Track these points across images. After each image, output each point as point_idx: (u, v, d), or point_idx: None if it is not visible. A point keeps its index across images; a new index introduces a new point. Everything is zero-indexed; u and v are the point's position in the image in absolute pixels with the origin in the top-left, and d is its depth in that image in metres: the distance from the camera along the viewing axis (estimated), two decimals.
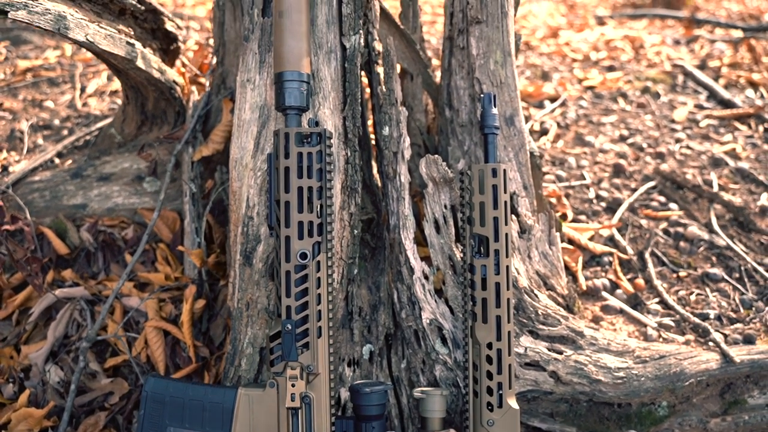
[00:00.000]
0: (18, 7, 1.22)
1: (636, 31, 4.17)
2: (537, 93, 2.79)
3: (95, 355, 1.73)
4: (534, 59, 3.35)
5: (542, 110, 2.68)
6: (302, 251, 1.26)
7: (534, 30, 4.11)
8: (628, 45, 3.73)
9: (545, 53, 3.51)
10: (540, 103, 2.75)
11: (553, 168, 2.26)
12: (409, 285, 1.48)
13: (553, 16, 4.76)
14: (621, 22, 4.70)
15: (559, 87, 2.90)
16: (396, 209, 1.52)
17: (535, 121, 2.57)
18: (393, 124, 1.51)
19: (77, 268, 1.89)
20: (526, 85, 2.84)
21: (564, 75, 3.13)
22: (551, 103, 2.76)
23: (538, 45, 3.66)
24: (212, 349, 1.70)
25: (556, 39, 3.86)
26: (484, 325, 1.33)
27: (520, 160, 1.61)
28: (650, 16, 4.85)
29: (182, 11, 4.41)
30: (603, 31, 4.09)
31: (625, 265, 1.89)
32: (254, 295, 1.46)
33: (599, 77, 3.06)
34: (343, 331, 1.50)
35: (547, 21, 4.51)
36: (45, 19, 1.29)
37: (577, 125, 2.59)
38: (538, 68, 3.19)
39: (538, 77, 3.08)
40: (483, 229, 1.34)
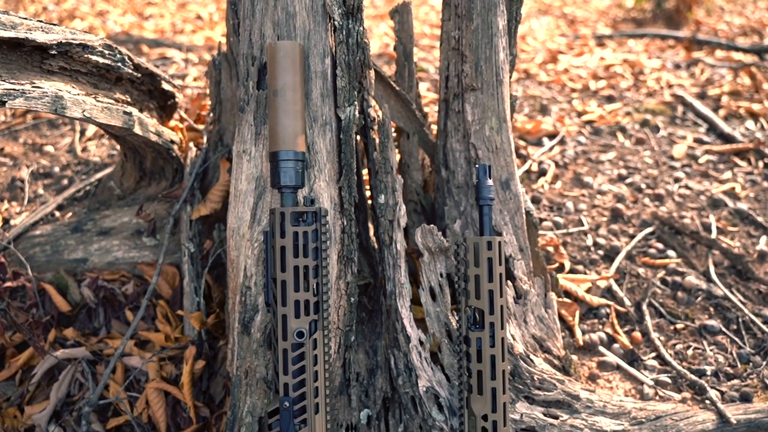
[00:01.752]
0: (15, 96, 1.24)
1: (636, 55, 4.18)
2: (536, 129, 2.80)
3: (97, 414, 1.75)
4: (533, 90, 3.36)
5: (540, 149, 2.68)
6: (299, 330, 1.28)
7: (534, 55, 4.12)
8: (628, 70, 3.74)
9: (544, 82, 3.52)
10: (539, 140, 2.76)
11: (551, 214, 2.27)
12: (405, 352, 1.49)
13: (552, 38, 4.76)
14: (621, 43, 4.70)
15: (558, 123, 2.91)
16: (392, 276, 1.53)
17: (534, 161, 2.58)
18: (389, 192, 1.53)
19: (78, 325, 1.91)
20: (524, 122, 2.85)
21: (563, 107, 3.14)
22: (550, 140, 2.76)
23: (537, 73, 3.67)
24: (213, 408, 1.72)
25: (556, 65, 3.87)
26: (480, 397, 1.34)
27: (516, 224, 1.62)
28: (650, 36, 4.85)
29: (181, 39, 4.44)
30: (603, 54, 4.10)
31: (623, 317, 1.90)
32: (253, 364, 1.47)
33: (598, 110, 3.06)
34: (341, 398, 1.51)
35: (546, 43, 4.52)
36: (42, 102, 1.31)
37: (576, 164, 2.60)
38: (537, 100, 3.20)
39: (537, 110, 3.09)
40: (478, 302, 1.36)
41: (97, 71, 1.53)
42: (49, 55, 1.37)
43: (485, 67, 1.54)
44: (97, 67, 1.52)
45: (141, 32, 4.79)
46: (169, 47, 4.19)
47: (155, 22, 5.26)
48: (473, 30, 1.52)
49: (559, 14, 6.63)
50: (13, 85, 1.26)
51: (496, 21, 1.52)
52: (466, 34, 1.53)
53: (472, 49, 1.53)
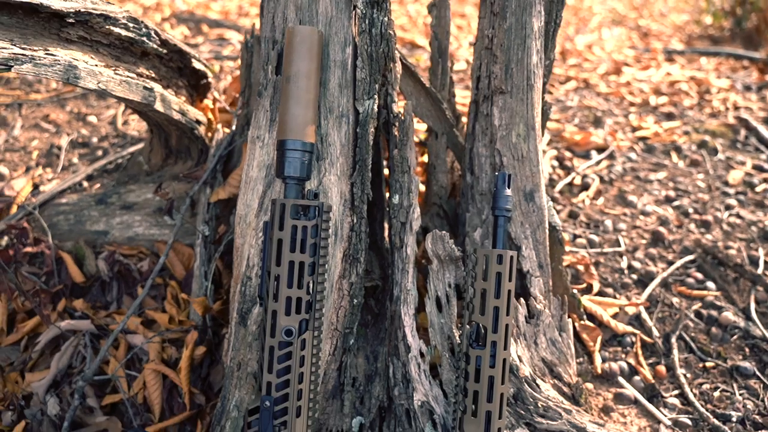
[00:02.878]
0: (23, 61, 1.22)
1: (705, 73, 3.98)
2: (584, 141, 2.67)
3: (96, 388, 1.73)
4: (589, 100, 3.23)
5: (587, 162, 2.56)
6: (288, 328, 1.22)
7: (597, 65, 3.97)
8: (694, 88, 3.56)
9: (603, 93, 3.38)
10: (586, 153, 2.64)
11: (587, 231, 2.15)
12: (404, 362, 1.42)
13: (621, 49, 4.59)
14: (692, 60, 4.50)
15: (609, 136, 2.78)
16: (399, 281, 1.46)
17: (578, 173, 2.47)
18: (404, 193, 1.46)
19: (90, 298, 1.90)
20: (573, 132, 2.73)
21: (618, 120, 3.00)
22: (598, 153, 2.64)
23: (597, 83, 3.53)
24: (210, 396, 1.68)
25: (618, 76, 3.71)
26: (473, 420, 1.26)
27: (538, 238, 1.53)
28: (724, 54, 4.63)
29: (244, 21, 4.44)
30: (670, 70, 3.92)
31: (649, 347, 1.78)
32: (245, 357, 1.43)
33: (654, 127, 2.92)
34: (334, 402, 1.45)
35: (613, 54, 4.35)
36: (53, 70, 1.29)
37: (622, 181, 2.47)
38: (592, 111, 3.07)
39: (590, 122, 2.96)
40: (482, 318, 1.27)
41: (120, 44, 1.51)
42: (67, 23, 1.35)
43: (516, 69, 1.45)
44: (120, 39, 1.49)
45: (206, 12, 4.82)
46: (228, 28, 4.20)
47: (222, 4, 5.29)
48: (506, 29, 1.43)
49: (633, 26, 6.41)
50: (24, 51, 1.23)
51: (531, 21, 1.42)
52: (499, 34, 1.45)
53: (504, 50, 1.44)
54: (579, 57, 4.12)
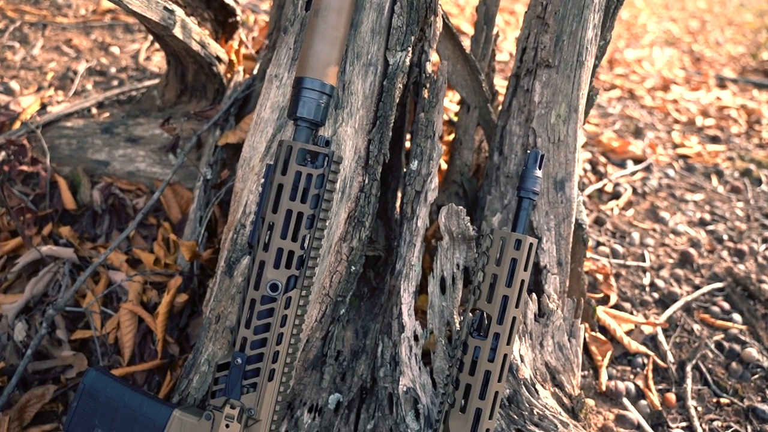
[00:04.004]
0: None
1: (757, 103, 3.80)
2: (621, 150, 2.53)
3: (68, 321, 1.63)
4: (632, 111, 3.08)
5: (622, 170, 2.42)
6: (274, 282, 1.10)
7: (644, 78, 3.81)
8: (743, 117, 3.39)
9: (647, 106, 3.22)
10: (622, 162, 2.49)
11: (611, 239, 2.02)
12: (395, 342, 1.30)
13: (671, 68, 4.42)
14: (744, 90, 4.31)
15: (648, 149, 2.63)
16: (404, 254, 1.34)
17: (610, 181, 2.32)
18: (424, 159, 1.33)
19: (79, 227, 1.79)
20: (611, 139, 2.59)
21: (660, 135, 2.85)
22: (634, 164, 2.49)
23: (642, 95, 3.37)
24: (185, 348, 1.57)
25: (666, 93, 3.55)
26: (461, 415, 1.14)
27: (561, 232, 1.40)
28: None
29: None
30: (720, 95, 3.75)
31: (661, 372, 1.65)
32: (226, 310, 1.31)
33: (697, 147, 2.76)
34: (312, 373, 1.33)
35: (662, 72, 4.18)
36: None
37: (656, 196, 2.33)
38: (633, 122, 2.92)
39: (630, 131, 2.81)
40: (488, 306, 1.15)
41: None
42: None
43: (567, 42, 1.32)
44: None
45: None
46: None
47: None
48: None
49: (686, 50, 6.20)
50: None
51: None
52: (554, 0, 1.31)
53: (557, 19, 1.31)
54: (627, 68, 3.96)
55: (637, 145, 2.63)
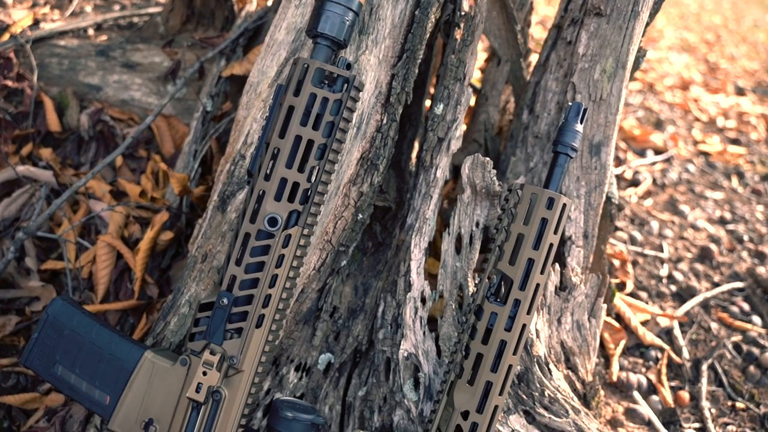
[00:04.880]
0: None
1: None
2: (642, 138, 2.41)
3: (39, 251, 1.49)
4: (652, 103, 2.95)
5: (642, 159, 2.30)
6: (272, 216, 0.97)
7: (663, 76, 3.68)
8: (763, 124, 3.28)
9: (667, 102, 3.10)
10: (642, 151, 2.37)
11: (629, 226, 1.89)
12: (399, 302, 1.17)
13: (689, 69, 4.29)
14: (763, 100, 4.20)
15: (670, 141, 2.51)
16: (418, 207, 1.21)
17: (629, 167, 2.20)
18: (450, 104, 1.20)
19: (62, 151, 1.65)
20: (633, 126, 2.46)
21: (679, 131, 2.73)
22: (655, 155, 2.37)
23: (662, 91, 3.24)
24: (165, 292, 1.44)
25: (685, 92, 3.43)
26: (468, 387, 1.01)
27: (591, 202, 1.27)
28: None
29: None
30: (739, 101, 3.63)
31: (674, 368, 1.53)
32: (215, 248, 1.18)
33: (719, 146, 2.64)
34: (304, 328, 1.20)
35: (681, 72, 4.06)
36: None
37: (675, 189, 2.20)
38: (654, 114, 2.80)
39: (651, 123, 2.68)
40: (510, 269, 1.01)
41: None
42: None
43: None
44: None
45: None
46: None
47: None
48: None
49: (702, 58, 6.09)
50: None
51: None
52: None
53: None
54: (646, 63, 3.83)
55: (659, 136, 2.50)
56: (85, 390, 1.06)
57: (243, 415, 1.00)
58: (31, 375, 1.35)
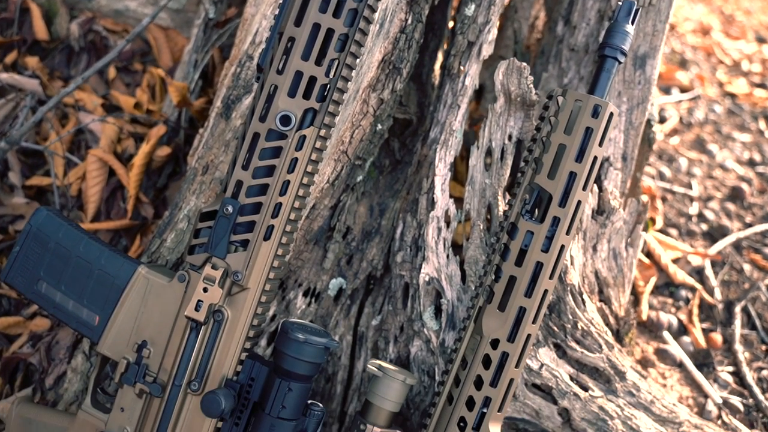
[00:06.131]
0: None
1: None
2: (668, 76, 2.28)
3: (25, 166, 1.37)
4: (674, 44, 2.81)
5: (667, 96, 2.17)
6: (285, 113, 0.85)
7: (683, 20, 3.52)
8: None
9: (689, 44, 2.96)
10: (667, 89, 2.25)
11: (657, 162, 1.78)
12: (421, 222, 1.06)
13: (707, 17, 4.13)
14: None
15: (696, 80, 2.38)
16: (443, 118, 1.09)
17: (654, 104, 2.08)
18: (483, 4, 1.07)
19: (50, 62, 1.52)
20: None
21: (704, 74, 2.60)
22: (681, 93, 2.25)
23: (684, 33, 3.10)
24: (160, 212, 1.33)
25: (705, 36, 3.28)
26: (499, 314, 0.90)
27: (633, 120, 1.16)
28: None
29: None
30: (762, 49, 3.48)
31: (706, 310, 1.43)
32: (217, 159, 1.06)
33: (746, 89, 2.52)
34: (314, 249, 1.09)
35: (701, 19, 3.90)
36: None
37: (702, 129, 2.09)
38: (677, 55, 2.66)
39: (675, 63, 2.55)
40: (549, 183, 0.90)
41: None
42: None
43: None
44: None
45: None
46: None
47: None
48: None
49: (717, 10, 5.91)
50: None
51: None
52: None
53: None
54: None
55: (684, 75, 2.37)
56: (71, 309, 0.96)
57: (248, 338, 0.89)
58: (15, 298, 1.25)
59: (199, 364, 0.90)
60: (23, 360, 1.18)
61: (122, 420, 0.94)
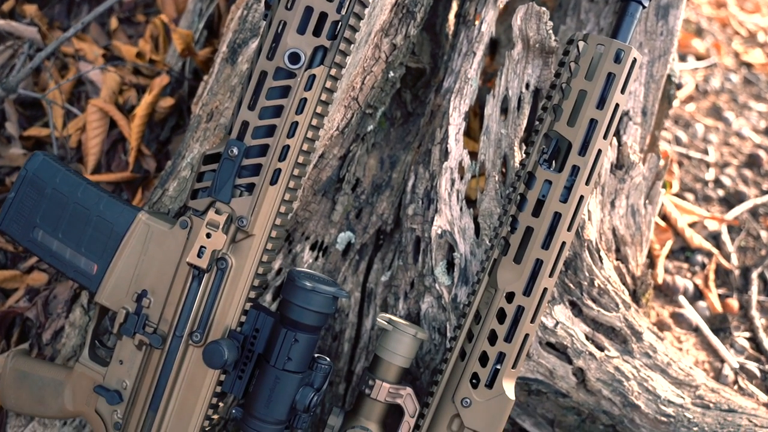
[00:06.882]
0: None
1: None
2: (684, 43, 2.22)
3: (23, 118, 1.33)
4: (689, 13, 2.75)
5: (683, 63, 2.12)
6: (294, 51, 0.80)
7: None
8: None
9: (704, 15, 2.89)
10: (683, 56, 2.19)
11: (673, 126, 1.73)
12: (433, 173, 1.02)
13: None
14: None
15: (713, 49, 2.33)
16: (458, 67, 1.04)
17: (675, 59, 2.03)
18: None
19: (50, 12, 1.47)
20: None
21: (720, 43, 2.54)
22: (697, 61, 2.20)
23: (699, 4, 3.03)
24: (162, 165, 1.29)
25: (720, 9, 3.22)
26: (514, 266, 0.86)
27: (654, 73, 1.11)
28: None
29: None
30: None
31: (722, 275, 1.39)
32: (222, 105, 1.02)
33: (762, 59, 2.46)
34: (322, 201, 1.05)
35: None
36: None
37: (718, 97, 2.04)
38: (692, 24, 2.60)
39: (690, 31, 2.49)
40: (569, 130, 0.86)
41: None
42: None
43: None
44: None
45: None
46: None
47: None
48: None
49: None
50: None
51: None
52: None
53: None
54: None
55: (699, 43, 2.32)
56: (68, 258, 0.92)
57: (252, 287, 0.86)
58: (11, 251, 1.22)
59: (201, 315, 0.86)
60: (20, 314, 1.15)
61: (121, 373, 0.90)
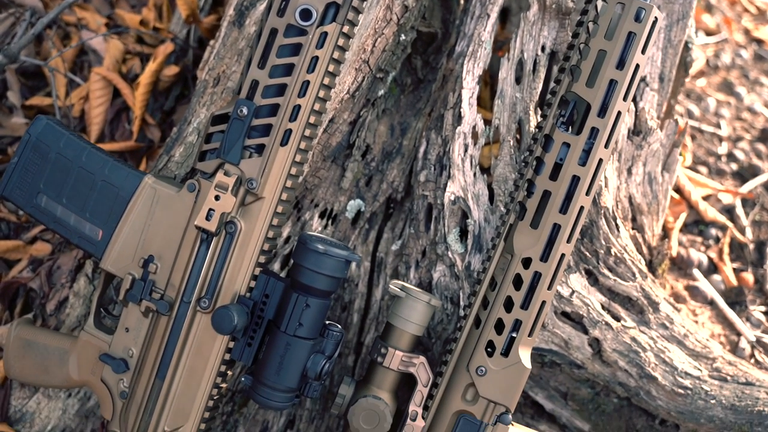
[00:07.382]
0: None
1: None
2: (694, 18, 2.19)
3: (25, 88, 1.30)
4: None
5: None
6: (306, 7, 0.78)
7: None
8: None
9: None
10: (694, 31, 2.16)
11: (685, 100, 1.71)
12: (446, 138, 0.99)
13: None
14: None
15: (723, 24, 2.29)
16: (470, 30, 1.01)
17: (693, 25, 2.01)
18: None
19: None
20: None
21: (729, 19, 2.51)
22: (707, 36, 2.16)
23: None
24: (167, 136, 1.26)
25: None
26: (531, 231, 0.84)
27: (672, 38, 1.08)
28: None
29: None
30: None
31: (736, 249, 1.37)
32: (230, 68, 0.99)
33: None
34: (332, 167, 1.03)
35: None
36: None
37: (729, 73, 2.01)
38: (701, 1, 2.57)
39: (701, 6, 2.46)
40: (588, 91, 0.83)
41: None
42: None
43: None
44: None
45: None
46: None
47: None
48: None
49: None
50: None
51: None
52: None
53: None
54: None
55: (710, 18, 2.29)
56: (73, 224, 0.90)
57: (262, 252, 0.84)
58: (14, 221, 1.19)
59: (209, 280, 0.84)
60: (23, 285, 1.13)
61: (127, 341, 0.88)
